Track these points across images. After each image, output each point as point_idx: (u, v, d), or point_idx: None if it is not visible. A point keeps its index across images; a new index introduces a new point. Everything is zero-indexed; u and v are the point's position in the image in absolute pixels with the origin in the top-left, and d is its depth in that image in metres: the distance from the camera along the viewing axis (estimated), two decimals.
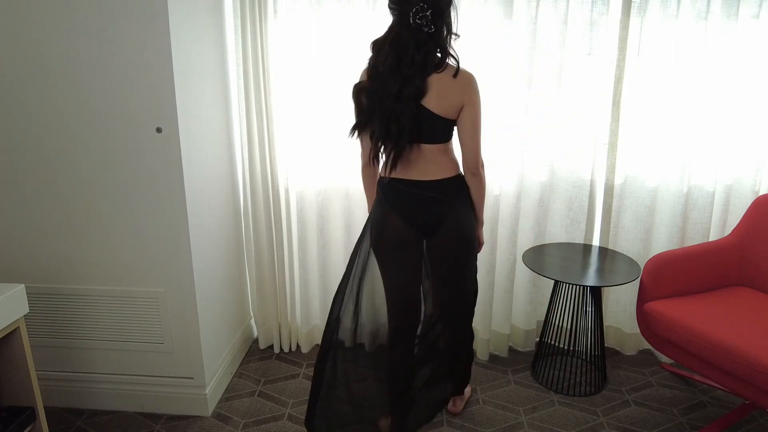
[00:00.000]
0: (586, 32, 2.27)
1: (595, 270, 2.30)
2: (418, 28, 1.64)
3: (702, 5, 2.21)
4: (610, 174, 2.43)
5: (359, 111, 1.78)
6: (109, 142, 1.90)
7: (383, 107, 1.68)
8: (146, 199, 1.94)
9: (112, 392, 2.17)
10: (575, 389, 2.35)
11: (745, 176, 2.41)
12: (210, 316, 2.19)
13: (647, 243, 2.48)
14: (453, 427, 2.12)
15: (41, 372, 2.12)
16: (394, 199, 1.82)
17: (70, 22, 1.79)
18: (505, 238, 2.46)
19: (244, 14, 2.21)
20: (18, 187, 1.97)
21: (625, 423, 2.15)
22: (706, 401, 2.28)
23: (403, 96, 1.66)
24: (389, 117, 1.68)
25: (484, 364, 2.56)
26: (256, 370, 2.51)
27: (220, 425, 2.12)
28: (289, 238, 2.50)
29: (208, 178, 2.15)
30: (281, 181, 2.44)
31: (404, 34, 1.65)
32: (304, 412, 2.20)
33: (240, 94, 2.30)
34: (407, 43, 1.64)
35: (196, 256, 2.02)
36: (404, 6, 1.64)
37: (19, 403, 1.57)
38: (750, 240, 2.26)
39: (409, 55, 1.64)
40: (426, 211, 1.81)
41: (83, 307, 2.08)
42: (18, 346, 1.51)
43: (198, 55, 2.03)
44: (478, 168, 1.80)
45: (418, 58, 1.65)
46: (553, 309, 2.39)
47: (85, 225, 1.99)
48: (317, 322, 2.64)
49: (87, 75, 1.84)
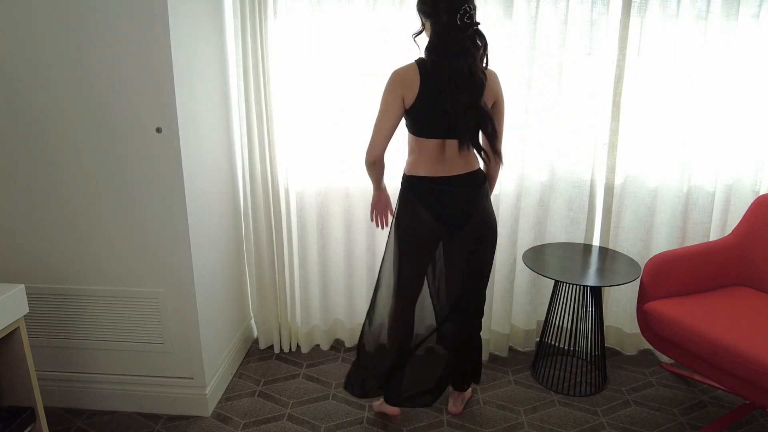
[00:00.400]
0: (586, 32, 2.27)
1: (595, 270, 2.30)
2: (466, 27, 1.71)
3: (702, 5, 2.21)
4: (610, 174, 2.43)
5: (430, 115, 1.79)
6: (109, 142, 1.90)
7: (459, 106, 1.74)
8: (146, 199, 1.94)
9: (112, 392, 2.17)
10: (575, 389, 2.35)
11: (745, 176, 2.41)
12: (210, 316, 2.18)
13: (647, 243, 2.48)
14: (453, 427, 2.12)
15: (41, 372, 2.11)
16: (422, 196, 1.87)
17: (69, 23, 1.79)
18: (505, 238, 2.45)
19: (244, 14, 2.21)
20: (18, 187, 1.97)
21: (625, 423, 2.15)
22: (707, 401, 2.28)
23: (477, 91, 1.74)
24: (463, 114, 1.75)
25: (485, 364, 2.56)
26: (256, 370, 2.51)
27: (220, 425, 2.12)
28: (289, 238, 2.50)
29: (208, 178, 2.15)
30: (281, 181, 2.44)
31: (458, 34, 1.71)
32: (304, 412, 2.21)
33: (240, 95, 2.30)
34: (464, 41, 1.71)
35: (196, 256, 2.02)
36: (453, 10, 1.69)
37: (19, 404, 1.56)
38: (750, 240, 2.26)
39: (471, 52, 1.72)
40: (456, 206, 1.87)
41: (83, 307, 2.08)
42: (18, 346, 1.51)
43: (198, 55, 2.03)
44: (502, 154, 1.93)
45: (477, 53, 1.74)
46: (553, 309, 2.39)
47: (85, 225, 1.99)
48: (317, 322, 2.64)
49: (87, 75, 1.84)
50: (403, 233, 1.92)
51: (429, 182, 1.84)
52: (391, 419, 2.16)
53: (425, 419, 2.16)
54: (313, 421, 2.15)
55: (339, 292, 2.61)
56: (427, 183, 1.85)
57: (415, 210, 1.87)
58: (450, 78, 1.72)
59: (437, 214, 1.86)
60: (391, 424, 2.13)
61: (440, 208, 1.86)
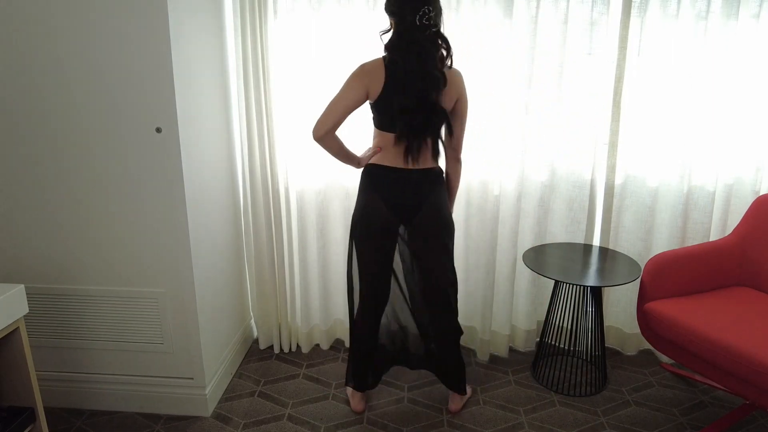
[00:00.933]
0: (586, 32, 2.27)
1: (595, 270, 2.30)
2: (425, 28, 1.78)
3: (702, 5, 2.21)
4: (611, 174, 2.43)
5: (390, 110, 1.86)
6: (109, 143, 1.90)
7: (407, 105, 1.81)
8: (146, 199, 1.94)
9: (112, 392, 2.17)
10: (576, 389, 2.35)
11: (745, 176, 2.41)
12: (210, 316, 2.18)
13: (648, 243, 2.48)
14: (453, 427, 2.12)
15: (41, 372, 2.12)
16: (376, 182, 1.94)
17: (69, 23, 1.79)
18: (505, 238, 2.45)
19: (244, 14, 2.21)
20: (18, 188, 1.97)
21: (625, 423, 2.15)
22: (707, 401, 2.28)
23: (430, 90, 1.80)
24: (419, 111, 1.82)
25: (485, 364, 2.56)
26: (256, 370, 2.51)
27: (220, 425, 2.12)
28: (289, 238, 2.50)
29: (208, 178, 2.15)
30: (281, 180, 2.44)
31: (417, 34, 1.78)
32: (304, 412, 2.21)
33: (240, 94, 2.30)
34: (422, 41, 1.78)
35: (196, 256, 2.02)
36: (413, 10, 1.76)
37: (19, 404, 1.56)
38: (750, 240, 2.26)
39: (430, 52, 1.80)
40: (406, 193, 1.92)
41: (83, 307, 2.08)
42: (18, 346, 1.51)
43: (198, 55, 2.03)
44: (460, 154, 2.02)
45: (436, 54, 1.81)
46: (554, 309, 2.39)
47: (85, 225, 1.99)
48: (317, 322, 2.64)
49: (87, 75, 1.84)
50: (356, 219, 1.99)
51: (383, 170, 1.93)
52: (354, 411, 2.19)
53: (425, 419, 2.16)
54: (313, 421, 2.15)
55: (339, 292, 2.61)
56: (382, 170, 1.93)
57: (369, 195, 1.95)
58: (405, 76, 1.79)
59: (387, 200, 1.92)
60: (391, 424, 2.13)
61: (390, 194, 1.92)
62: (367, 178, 1.97)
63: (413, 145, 1.86)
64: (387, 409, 2.22)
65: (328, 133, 1.86)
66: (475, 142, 2.35)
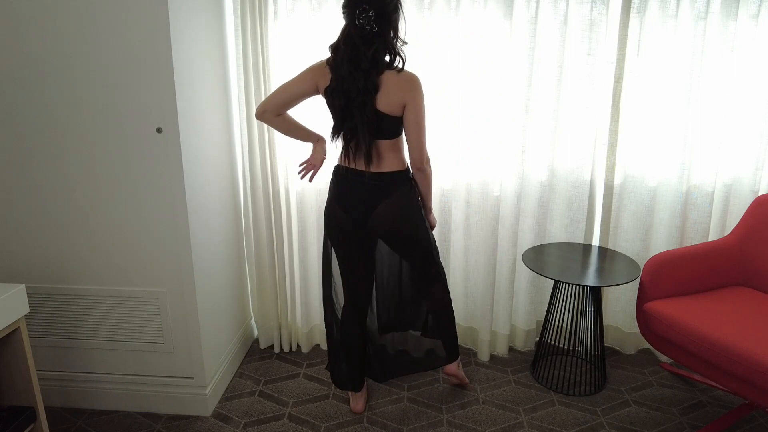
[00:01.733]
0: (585, 33, 2.28)
1: (594, 270, 2.31)
2: (362, 28, 1.74)
3: (701, 5, 2.21)
4: (610, 174, 2.44)
5: (334, 111, 1.86)
6: (110, 143, 1.90)
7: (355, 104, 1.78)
8: (146, 199, 1.94)
9: (113, 392, 2.18)
10: (575, 389, 2.36)
11: (744, 176, 2.42)
12: (210, 316, 2.19)
13: (647, 243, 2.48)
14: (453, 426, 2.12)
15: (42, 372, 2.12)
16: (336, 183, 1.96)
17: (70, 23, 1.79)
18: (505, 238, 2.46)
19: (245, 15, 2.21)
20: (18, 188, 1.97)
21: (624, 423, 2.15)
22: (706, 401, 2.29)
23: (363, 91, 1.76)
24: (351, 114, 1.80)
25: (485, 364, 2.57)
26: (257, 370, 2.51)
27: (220, 425, 2.12)
28: (289, 238, 2.50)
29: (209, 178, 2.16)
30: (281, 181, 2.44)
31: (353, 33, 1.76)
32: (304, 412, 2.21)
33: (240, 95, 2.30)
34: (357, 41, 1.75)
35: (197, 256, 2.03)
36: (351, 8, 1.74)
37: (19, 403, 1.57)
38: (749, 240, 2.26)
39: (362, 53, 1.74)
40: (358, 197, 1.92)
41: (83, 307, 2.08)
42: (18, 346, 1.51)
43: (198, 55, 2.03)
44: (423, 164, 1.91)
45: (369, 55, 1.74)
46: (553, 309, 2.39)
47: (85, 225, 2.00)
48: (317, 322, 2.64)
49: (87, 75, 1.84)
50: (324, 217, 2.02)
51: (343, 170, 1.93)
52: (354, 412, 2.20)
53: (425, 419, 2.17)
54: (313, 421, 2.15)
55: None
56: (341, 170, 1.94)
57: (331, 195, 1.99)
58: (339, 78, 1.78)
59: (342, 203, 1.94)
60: (391, 424, 2.13)
61: (345, 197, 1.93)
62: (332, 177, 1.99)
63: (349, 149, 1.85)
64: (387, 409, 2.23)
65: (265, 113, 1.87)
66: (474, 143, 2.36)
